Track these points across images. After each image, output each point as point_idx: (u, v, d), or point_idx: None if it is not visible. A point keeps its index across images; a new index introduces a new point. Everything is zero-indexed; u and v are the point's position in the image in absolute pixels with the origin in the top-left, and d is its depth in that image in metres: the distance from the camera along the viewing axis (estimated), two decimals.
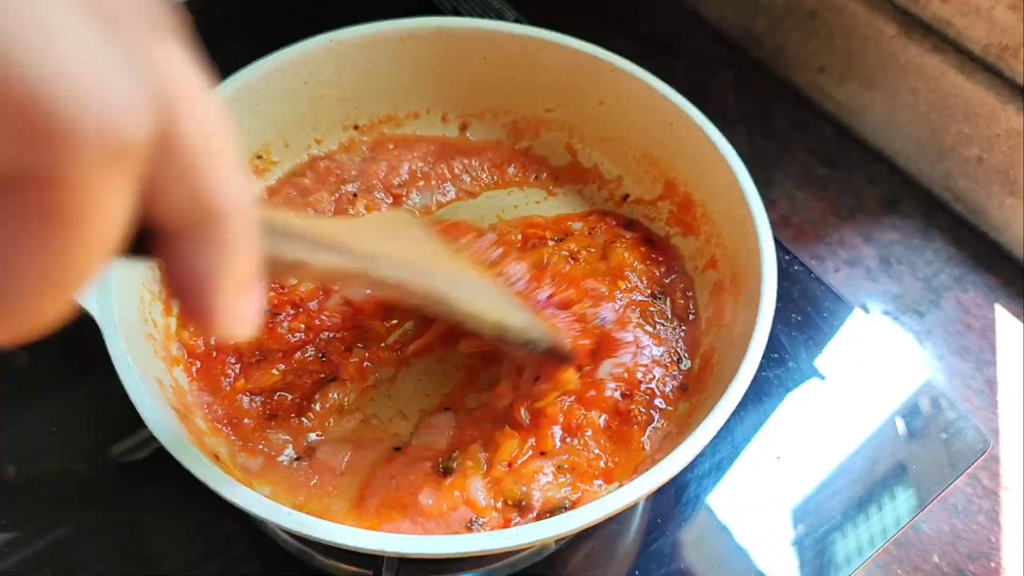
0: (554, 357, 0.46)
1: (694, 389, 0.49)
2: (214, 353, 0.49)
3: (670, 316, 0.53)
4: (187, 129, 0.18)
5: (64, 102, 0.15)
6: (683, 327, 0.52)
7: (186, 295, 0.21)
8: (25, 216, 0.16)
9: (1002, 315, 0.65)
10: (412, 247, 0.42)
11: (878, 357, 0.59)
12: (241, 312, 0.22)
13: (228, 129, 0.20)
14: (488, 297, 0.43)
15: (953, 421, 0.55)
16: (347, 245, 0.34)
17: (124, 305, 0.45)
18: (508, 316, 0.42)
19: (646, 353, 0.50)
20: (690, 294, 0.53)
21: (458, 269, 0.44)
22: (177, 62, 0.19)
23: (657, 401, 0.48)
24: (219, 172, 0.19)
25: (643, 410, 0.48)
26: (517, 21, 0.69)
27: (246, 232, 0.21)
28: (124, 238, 0.18)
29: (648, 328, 0.51)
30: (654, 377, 0.49)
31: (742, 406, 0.42)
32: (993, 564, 0.55)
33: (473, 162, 0.61)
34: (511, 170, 0.61)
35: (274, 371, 0.49)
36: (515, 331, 0.43)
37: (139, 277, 0.48)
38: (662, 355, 0.50)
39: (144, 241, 0.20)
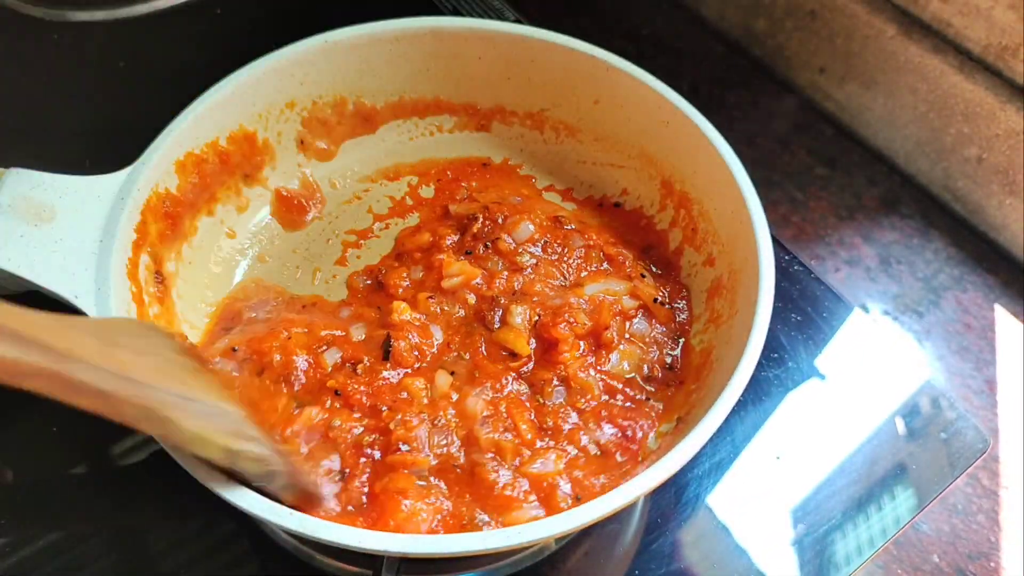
0: (296, 494, 0.42)
1: (692, 388, 0.49)
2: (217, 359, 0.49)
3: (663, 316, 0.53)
4: None
5: None
6: (676, 326, 0.52)
7: None
8: None
9: (1002, 315, 0.65)
10: (137, 358, 0.37)
11: (878, 357, 0.59)
12: None
13: None
14: (221, 420, 0.38)
15: (953, 421, 0.55)
16: (42, 340, 0.30)
17: (121, 306, 0.45)
18: (241, 444, 0.38)
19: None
20: (684, 293, 0.54)
21: (193, 387, 0.38)
22: None
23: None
24: None
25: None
26: (517, 22, 0.69)
27: None
28: None
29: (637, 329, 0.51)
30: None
31: (742, 406, 0.42)
32: (993, 564, 0.55)
33: None
34: None
35: None
36: (248, 459, 0.38)
37: (137, 278, 0.48)
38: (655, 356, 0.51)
39: None
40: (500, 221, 0.54)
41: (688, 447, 0.40)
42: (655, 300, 0.52)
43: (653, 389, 0.50)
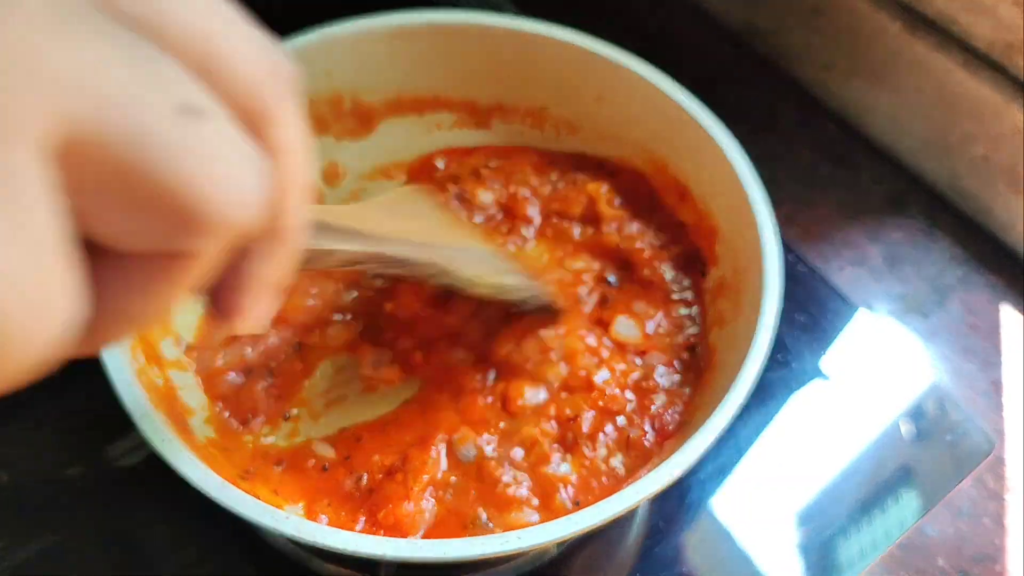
0: (547, 314, 0.50)
1: (697, 390, 0.48)
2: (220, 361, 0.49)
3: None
4: (288, 191, 0.22)
5: (206, 200, 0.18)
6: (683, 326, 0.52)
7: (223, 294, 0.23)
8: (150, 274, 0.19)
9: (1008, 315, 0.65)
10: (417, 222, 0.47)
11: (883, 358, 0.58)
12: (263, 311, 0.24)
13: (311, 173, 0.24)
14: (486, 262, 0.48)
15: (958, 423, 0.55)
16: (363, 230, 0.37)
17: None
18: (504, 278, 0.47)
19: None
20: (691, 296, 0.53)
21: (459, 238, 0.49)
22: (291, 133, 0.22)
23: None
24: (296, 204, 0.23)
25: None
26: (518, 16, 0.68)
27: (297, 245, 0.24)
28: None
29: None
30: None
31: (745, 408, 0.41)
32: (998, 567, 0.54)
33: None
34: None
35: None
36: (511, 290, 0.47)
37: None
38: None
39: None
40: None
41: (692, 451, 0.39)
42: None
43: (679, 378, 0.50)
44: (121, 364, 0.42)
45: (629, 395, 0.48)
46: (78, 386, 0.54)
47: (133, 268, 0.19)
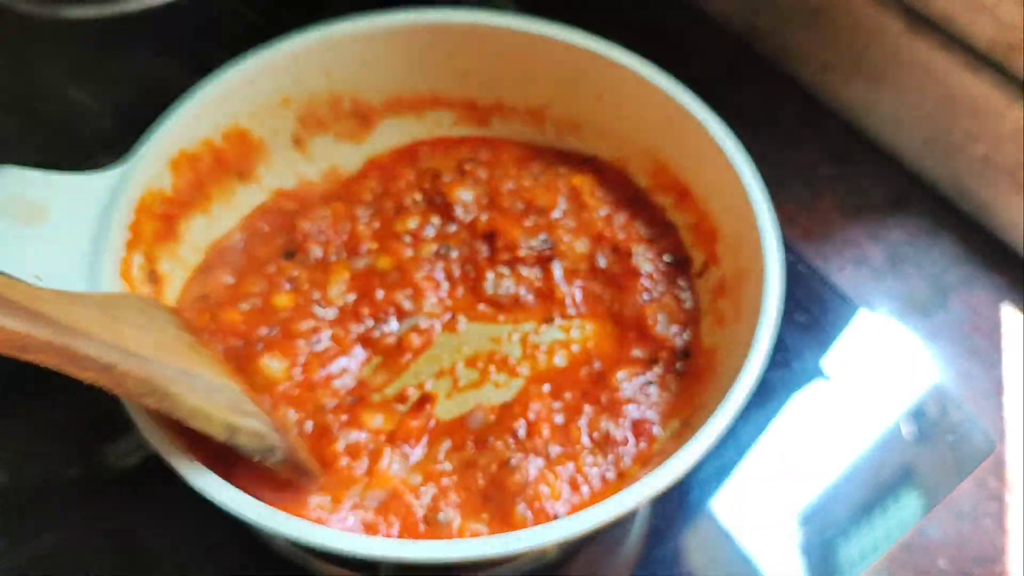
0: (292, 469, 0.42)
1: (697, 391, 0.48)
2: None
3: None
4: None
5: None
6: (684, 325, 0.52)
7: None
8: None
9: (1010, 315, 0.64)
10: (139, 333, 0.38)
11: (884, 358, 0.58)
12: None
13: None
14: (222, 395, 0.39)
15: (960, 423, 0.55)
16: (49, 314, 0.31)
17: None
18: (242, 419, 0.39)
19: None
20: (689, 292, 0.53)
21: (194, 362, 0.40)
22: None
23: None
24: None
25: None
26: (518, 15, 0.68)
27: None
28: None
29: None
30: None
31: (746, 408, 0.41)
32: (999, 568, 0.54)
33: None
34: None
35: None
36: (247, 435, 0.39)
37: (130, 278, 0.48)
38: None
39: None
40: None
41: (693, 451, 0.39)
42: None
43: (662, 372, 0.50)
44: None
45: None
46: (77, 387, 0.54)
47: None
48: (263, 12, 0.75)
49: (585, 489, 0.45)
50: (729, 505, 0.52)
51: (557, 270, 0.53)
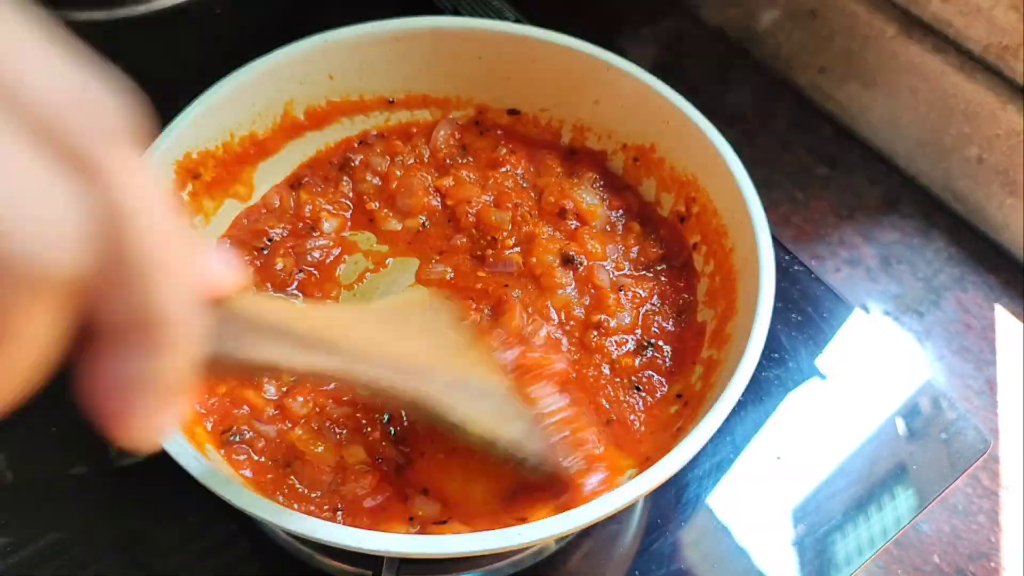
0: (544, 476, 0.41)
1: (692, 389, 0.49)
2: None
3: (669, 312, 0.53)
4: (133, 245, 0.19)
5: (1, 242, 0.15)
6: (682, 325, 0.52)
7: (103, 397, 0.20)
8: None
9: (1002, 315, 0.65)
10: (420, 341, 0.38)
11: (878, 357, 0.58)
12: (155, 423, 0.20)
13: (179, 238, 0.20)
14: (491, 403, 0.39)
15: (953, 421, 0.55)
16: (334, 342, 0.31)
17: None
18: (502, 427, 0.39)
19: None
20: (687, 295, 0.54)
21: (466, 366, 0.40)
22: (127, 175, 0.19)
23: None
24: (163, 282, 0.19)
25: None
26: (517, 21, 0.69)
27: (185, 340, 0.20)
28: (60, 344, 0.18)
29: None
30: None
31: (742, 406, 0.42)
32: (993, 564, 0.55)
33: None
34: None
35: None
36: (507, 444, 0.39)
37: None
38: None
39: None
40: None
41: (688, 447, 0.40)
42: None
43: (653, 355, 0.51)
44: None
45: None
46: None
47: None
48: (270, 18, 0.75)
49: None
50: (725, 501, 0.52)
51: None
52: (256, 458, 0.45)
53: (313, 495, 0.44)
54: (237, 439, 0.46)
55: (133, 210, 0.18)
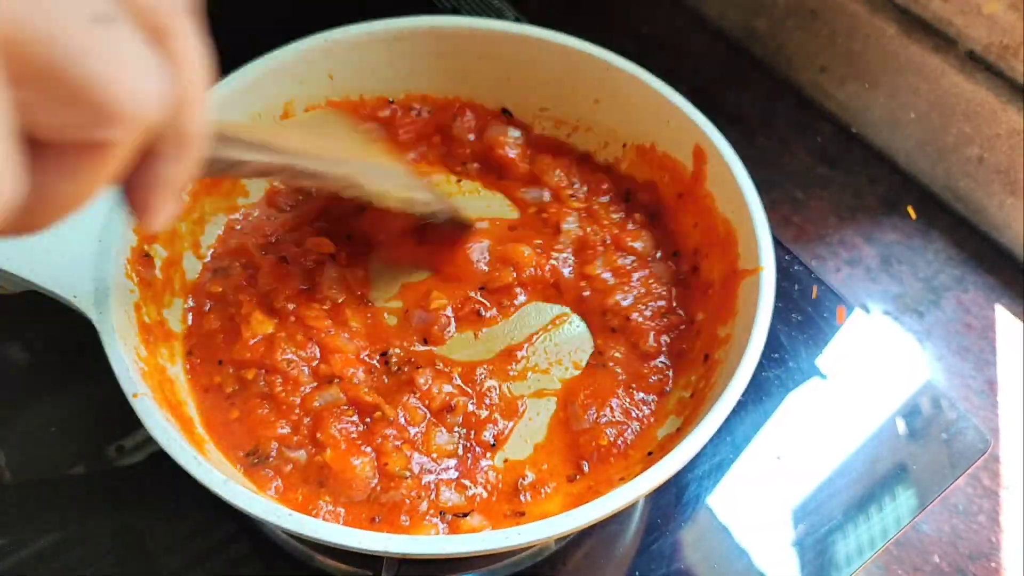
0: (456, 227, 0.55)
1: (693, 389, 0.49)
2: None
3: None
4: (187, 94, 0.25)
5: (115, 96, 0.21)
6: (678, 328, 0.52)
7: (137, 193, 0.27)
8: (77, 163, 0.23)
9: (1002, 315, 0.65)
10: (331, 141, 0.51)
11: (878, 357, 0.58)
12: (168, 210, 0.28)
13: (208, 84, 0.27)
14: (396, 178, 0.51)
15: (953, 421, 0.55)
16: (274, 144, 0.40)
17: (121, 306, 0.45)
18: (412, 192, 0.50)
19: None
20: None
21: (371, 157, 0.53)
22: (189, 48, 0.25)
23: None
24: (200, 114, 0.26)
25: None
26: (517, 21, 0.69)
27: (198, 152, 0.27)
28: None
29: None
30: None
31: (742, 406, 0.42)
32: (994, 564, 0.55)
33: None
34: None
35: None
36: (419, 203, 0.51)
37: (136, 278, 0.48)
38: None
39: None
40: None
41: (689, 447, 0.40)
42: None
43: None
44: (127, 364, 0.42)
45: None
46: (84, 385, 0.55)
47: (64, 157, 0.23)
48: (269, 18, 0.75)
49: None
50: (726, 501, 0.52)
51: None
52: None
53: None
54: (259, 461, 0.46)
55: (192, 69, 0.25)
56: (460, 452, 0.48)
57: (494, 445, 0.48)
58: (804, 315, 0.60)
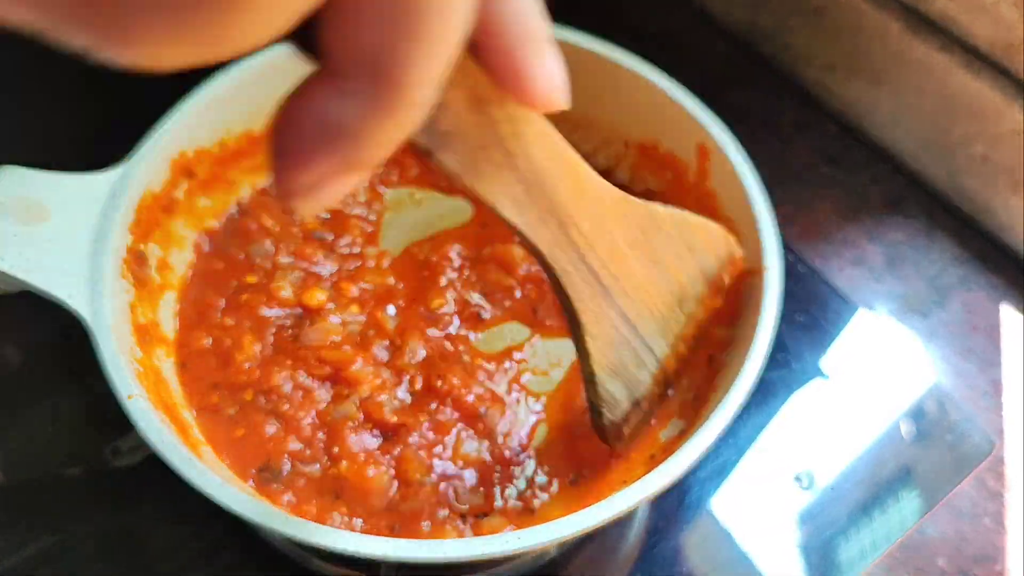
0: (600, 431, 0.44)
1: (696, 392, 0.48)
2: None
3: None
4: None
5: None
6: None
7: (292, 131, 0.19)
8: None
9: (1008, 315, 0.65)
10: (641, 251, 0.39)
11: (883, 358, 0.58)
12: (325, 184, 0.19)
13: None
14: (631, 345, 0.41)
15: (958, 423, 0.55)
16: (565, 213, 0.32)
17: (117, 307, 0.45)
18: (617, 373, 0.41)
19: None
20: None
21: (662, 308, 0.42)
22: None
23: None
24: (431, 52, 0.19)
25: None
26: None
27: (414, 110, 0.19)
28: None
29: None
30: None
31: (745, 407, 0.41)
32: (999, 567, 0.54)
33: None
34: None
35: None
36: (599, 388, 0.41)
37: (133, 278, 0.48)
38: None
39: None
40: None
41: (692, 451, 0.39)
42: None
43: None
44: (120, 366, 0.42)
45: None
46: (79, 387, 0.54)
47: None
48: None
49: None
50: (728, 504, 0.52)
51: None
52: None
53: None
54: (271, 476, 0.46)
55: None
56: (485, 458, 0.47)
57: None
58: (808, 316, 0.59)
